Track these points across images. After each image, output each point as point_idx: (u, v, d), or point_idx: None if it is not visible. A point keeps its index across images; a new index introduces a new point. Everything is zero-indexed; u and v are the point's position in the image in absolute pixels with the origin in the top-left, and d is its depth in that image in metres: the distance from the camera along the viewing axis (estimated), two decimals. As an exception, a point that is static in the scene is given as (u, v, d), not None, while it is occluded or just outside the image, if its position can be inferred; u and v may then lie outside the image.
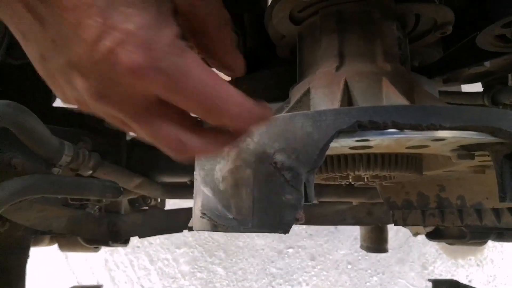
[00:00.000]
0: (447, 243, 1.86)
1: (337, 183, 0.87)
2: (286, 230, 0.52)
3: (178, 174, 1.55)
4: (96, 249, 1.61)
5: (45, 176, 1.06)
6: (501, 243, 3.24)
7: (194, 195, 0.69)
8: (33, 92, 1.40)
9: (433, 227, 1.76)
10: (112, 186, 1.16)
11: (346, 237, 2.98)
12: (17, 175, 1.03)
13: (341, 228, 3.01)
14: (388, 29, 0.75)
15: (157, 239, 2.92)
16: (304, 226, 2.90)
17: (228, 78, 1.31)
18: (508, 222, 0.84)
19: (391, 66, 0.72)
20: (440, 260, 3.09)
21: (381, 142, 0.56)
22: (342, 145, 0.57)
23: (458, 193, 0.92)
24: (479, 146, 0.58)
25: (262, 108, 0.45)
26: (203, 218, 0.61)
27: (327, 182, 0.88)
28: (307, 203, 0.53)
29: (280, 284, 2.82)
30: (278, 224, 0.53)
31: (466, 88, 1.65)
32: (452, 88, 1.58)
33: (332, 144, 0.56)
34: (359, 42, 0.74)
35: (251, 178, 0.56)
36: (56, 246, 1.58)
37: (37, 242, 1.45)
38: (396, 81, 0.70)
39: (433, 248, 3.08)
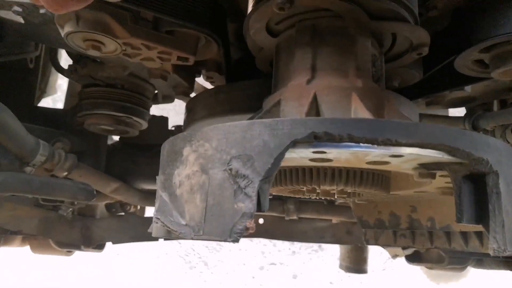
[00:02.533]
0: (426, 267, 1.84)
1: (305, 197, 0.86)
2: (236, 239, 0.51)
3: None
4: (68, 253, 1.58)
5: (16, 174, 1.04)
6: (485, 271, 3.22)
7: (155, 200, 0.68)
8: (16, 90, 1.40)
9: (413, 250, 1.74)
10: (85, 188, 1.14)
11: (329, 256, 2.95)
12: (-12, 171, 1.02)
13: (325, 246, 2.98)
14: (362, 46, 0.76)
15: (135, 248, 2.86)
16: (287, 243, 2.88)
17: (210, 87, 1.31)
18: (475, 247, 0.83)
19: (362, 82, 0.72)
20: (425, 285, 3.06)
21: (339, 155, 0.55)
22: (300, 156, 0.56)
23: (428, 215, 0.92)
24: (438, 165, 0.57)
25: None
26: (157, 223, 0.60)
27: (296, 196, 0.88)
28: (260, 212, 0.52)
29: (260, 301, 2.78)
30: (230, 232, 0.52)
31: (455, 112, 1.65)
32: (439, 112, 1.58)
33: (290, 155, 0.56)
34: (332, 57, 0.75)
35: (206, 184, 0.55)
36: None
37: (7, 242, 1.42)
38: (367, 97, 0.70)
39: (416, 272, 3.06)
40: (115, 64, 1.17)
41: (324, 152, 0.53)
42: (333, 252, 3.04)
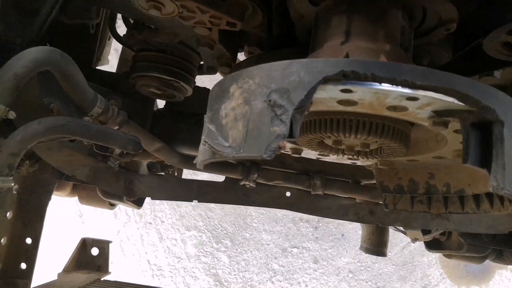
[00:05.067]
0: (444, 255, 1.89)
1: (332, 154, 0.95)
2: (270, 155, 0.62)
3: (196, 148, 1.66)
4: (111, 206, 1.73)
5: (77, 120, 1.18)
6: (508, 277, 3.19)
7: (202, 133, 0.79)
8: (77, 52, 1.55)
9: (432, 237, 1.79)
10: (134, 140, 1.28)
11: (352, 246, 3.01)
12: (53, 117, 1.16)
13: (348, 236, 3.04)
14: (393, 16, 0.84)
15: (168, 219, 3.04)
16: (311, 228, 2.96)
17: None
18: (486, 209, 0.90)
19: (390, 47, 0.81)
20: (443, 284, 3.07)
21: (363, 95, 0.64)
22: (330, 95, 0.66)
23: (445, 181, 0.99)
24: (450, 112, 0.65)
25: None
26: (204, 145, 0.71)
27: (323, 153, 0.97)
28: (292, 138, 0.62)
29: (280, 281, 2.88)
30: (265, 150, 0.62)
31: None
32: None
33: (321, 94, 0.66)
34: (364, 24, 0.83)
35: (248, 113, 0.66)
36: (75, 217, 1.71)
37: (60, 188, 1.59)
38: (393, 59, 0.79)
39: (437, 271, 3.07)
40: (167, 31, 1.30)
41: (351, 91, 0.63)
42: (355, 242, 3.10)
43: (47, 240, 1.67)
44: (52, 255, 2.55)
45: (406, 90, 0.60)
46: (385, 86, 0.60)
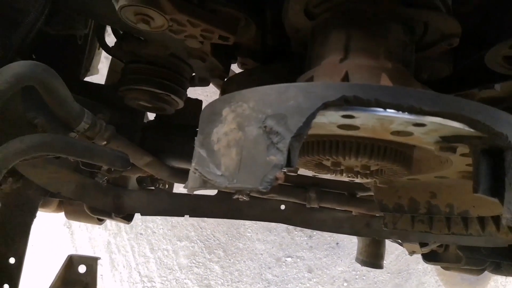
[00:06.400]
0: (442, 267, 1.86)
1: (330, 173, 0.91)
2: (266, 187, 0.57)
3: (188, 161, 1.61)
4: (100, 221, 1.67)
5: (62, 136, 1.12)
6: (503, 284, 3.17)
7: (192, 158, 0.74)
8: (63, 63, 1.50)
9: (430, 249, 1.76)
10: (122, 157, 1.22)
11: (346, 254, 2.97)
12: (37, 133, 1.10)
13: (342, 244, 3.00)
14: (394, 31, 0.80)
15: (160, 229, 2.98)
16: (305, 237, 2.91)
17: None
18: (492, 232, 0.86)
19: (392, 64, 0.76)
20: (439, 292, 3.04)
21: (366, 120, 0.60)
22: (330, 121, 0.62)
23: (447, 201, 0.95)
24: (458, 138, 0.61)
25: None
26: (194, 173, 0.66)
27: (321, 172, 0.92)
28: (290, 168, 0.58)
29: (274, 292, 2.84)
30: (261, 181, 0.57)
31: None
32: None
33: (321, 119, 0.61)
34: (364, 39, 0.79)
35: (242, 139, 0.61)
36: (63, 229, 1.65)
37: (45, 205, 1.53)
38: (395, 78, 0.75)
39: (433, 278, 3.04)
40: (157, 43, 1.24)
41: (353, 117, 0.58)
42: (350, 251, 3.06)
43: (33, 254, 1.60)
44: (39, 270, 2.48)
45: (413, 117, 0.56)
46: (390, 113, 0.56)
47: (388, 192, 1.06)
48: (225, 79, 1.33)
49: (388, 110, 0.56)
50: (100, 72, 2.05)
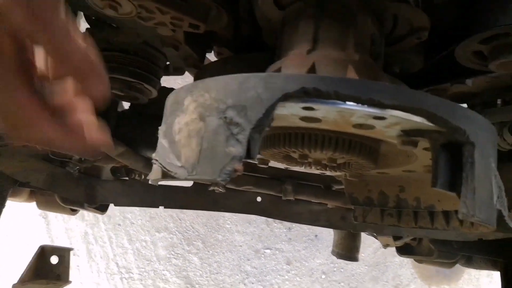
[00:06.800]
0: (415, 260, 1.88)
1: (299, 166, 0.90)
2: (224, 179, 0.56)
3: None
4: (73, 212, 1.65)
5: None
6: (477, 277, 3.25)
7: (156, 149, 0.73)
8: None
9: (403, 242, 1.78)
10: (92, 146, 1.20)
11: (325, 247, 2.99)
12: None
13: (321, 237, 3.02)
14: (363, 23, 0.80)
15: (138, 220, 2.95)
16: (284, 229, 2.92)
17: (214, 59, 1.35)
18: (455, 226, 0.87)
19: (359, 57, 0.76)
20: (414, 284, 3.10)
21: (327, 113, 0.59)
22: (291, 112, 0.61)
23: (415, 195, 0.96)
24: (419, 132, 0.61)
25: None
26: (155, 164, 0.65)
27: (290, 165, 0.92)
28: (249, 159, 0.57)
29: (253, 283, 2.84)
30: (220, 172, 0.56)
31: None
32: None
33: (282, 111, 0.60)
34: (333, 30, 0.79)
35: (202, 130, 0.60)
36: (38, 219, 1.62)
37: (15, 194, 1.49)
38: (362, 70, 0.74)
39: (408, 271, 3.09)
40: (129, 31, 1.22)
41: (313, 109, 0.58)
42: (328, 243, 3.09)
43: (7, 244, 1.56)
44: (12, 261, 2.43)
45: (372, 110, 0.55)
46: (349, 105, 0.55)
47: (358, 186, 1.06)
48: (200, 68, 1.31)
49: (347, 102, 0.55)
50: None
